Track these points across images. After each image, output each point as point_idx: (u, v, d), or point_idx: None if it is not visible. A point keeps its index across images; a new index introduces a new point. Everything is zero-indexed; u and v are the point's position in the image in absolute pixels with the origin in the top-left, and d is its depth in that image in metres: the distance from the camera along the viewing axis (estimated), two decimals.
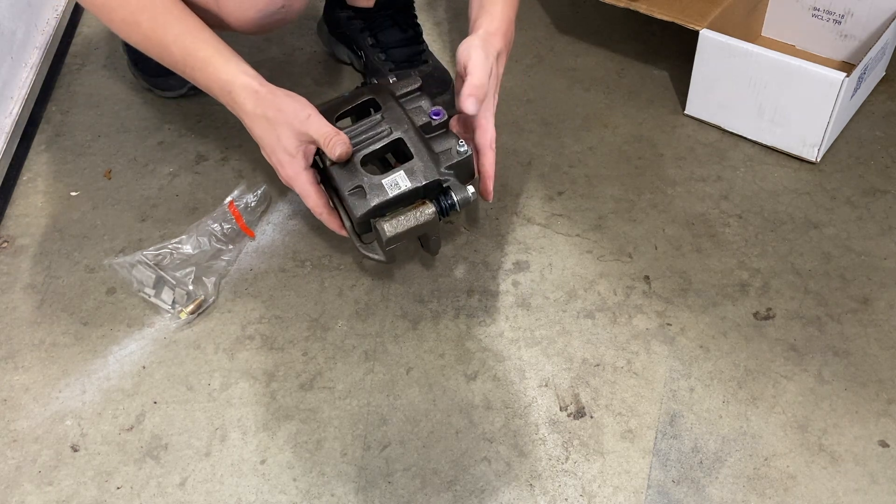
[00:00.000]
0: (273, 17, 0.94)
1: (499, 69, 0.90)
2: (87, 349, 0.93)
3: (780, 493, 0.79)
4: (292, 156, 0.85)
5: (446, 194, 0.86)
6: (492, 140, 0.89)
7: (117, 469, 0.83)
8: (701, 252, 1.01)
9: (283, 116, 0.84)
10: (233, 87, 0.85)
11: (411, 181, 0.84)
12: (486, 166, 0.90)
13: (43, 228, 1.07)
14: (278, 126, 0.84)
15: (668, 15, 1.14)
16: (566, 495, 0.80)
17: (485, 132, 0.89)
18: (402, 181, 0.84)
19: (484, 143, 0.89)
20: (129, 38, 0.89)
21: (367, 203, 0.84)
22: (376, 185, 0.84)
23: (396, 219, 0.84)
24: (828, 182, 1.09)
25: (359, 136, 0.87)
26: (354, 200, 0.84)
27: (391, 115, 0.88)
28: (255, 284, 1.00)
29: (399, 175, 0.85)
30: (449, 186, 0.86)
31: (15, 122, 1.18)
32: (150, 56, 0.89)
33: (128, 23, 0.86)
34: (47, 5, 1.38)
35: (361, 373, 0.90)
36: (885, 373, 0.88)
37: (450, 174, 0.86)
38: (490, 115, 0.89)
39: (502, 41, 0.90)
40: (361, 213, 0.84)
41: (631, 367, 0.90)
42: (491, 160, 0.90)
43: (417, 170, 0.85)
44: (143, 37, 0.87)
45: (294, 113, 0.84)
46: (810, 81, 1.04)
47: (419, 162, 0.85)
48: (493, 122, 0.90)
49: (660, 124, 1.19)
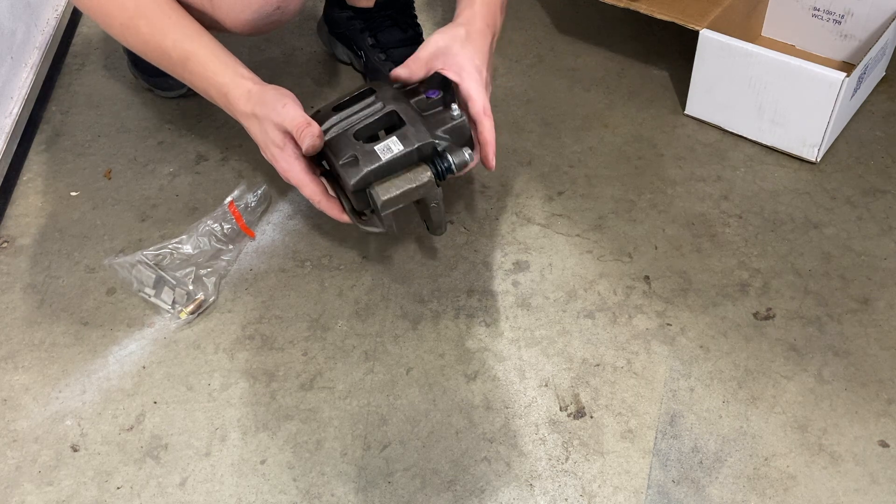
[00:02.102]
0: (268, 19, 0.93)
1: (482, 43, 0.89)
2: (87, 349, 0.93)
3: (780, 493, 0.79)
4: (281, 148, 0.85)
5: (442, 157, 0.85)
6: (484, 108, 0.87)
7: (117, 469, 0.83)
8: (701, 252, 1.01)
9: (266, 110, 0.84)
10: (229, 90, 0.85)
11: (404, 144, 0.83)
12: (484, 133, 0.88)
13: (43, 228, 1.07)
14: (264, 121, 0.84)
15: (668, 15, 1.14)
16: (566, 495, 0.80)
17: (475, 102, 0.87)
18: (395, 145, 0.83)
19: (477, 111, 0.87)
20: (128, 43, 0.89)
21: (359, 170, 0.82)
22: (368, 152, 0.83)
23: (390, 181, 0.83)
24: (828, 182, 1.09)
25: (352, 114, 0.86)
26: (347, 169, 0.83)
27: (384, 94, 0.88)
28: (255, 284, 1.00)
29: (391, 140, 0.83)
30: (445, 150, 0.85)
31: (15, 122, 1.18)
32: (149, 61, 0.89)
33: (126, 27, 0.87)
34: (47, 5, 1.38)
35: (361, 373, 0.90)
36: (885, 373, 0.88)
37: (445, 138, 0.85)
38: (477, 86, 0.87)
39: (481, 22, 0.89)
40: (354, 180, 0.82)
41: (631, 367, 0.90)
42: (488, 127, 0.88)
43: (410, 134, 0.83)
44: (142, 41, 0.87)
45: (272, 104, 0.83)
46: (810, 81, 1.04)
47: (411, 127, 0.84)
48: (484, 93, 0.87)
49: (660, 124, 1.19)
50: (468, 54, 0.87)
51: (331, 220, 1.04)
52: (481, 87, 0.87)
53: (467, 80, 0.87)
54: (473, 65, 0.87)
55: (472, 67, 0.87)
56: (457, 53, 0.87)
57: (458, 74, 0.87)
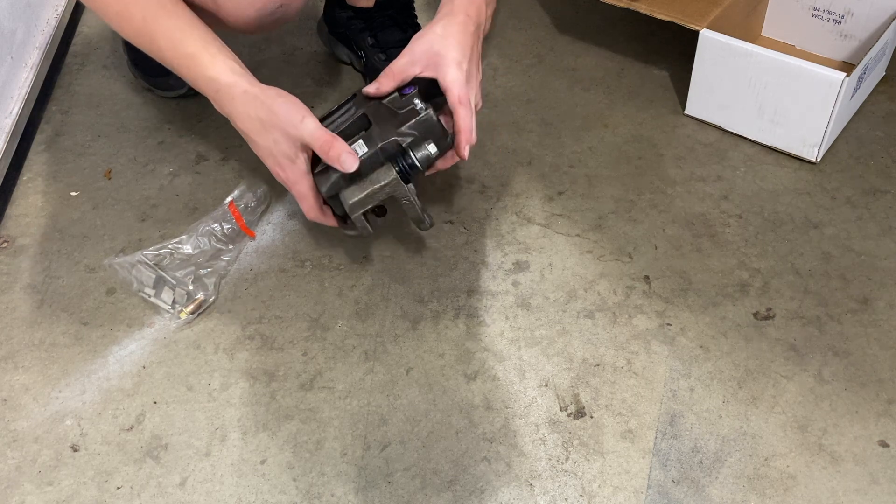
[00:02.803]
0: (272, 17, 0.93)
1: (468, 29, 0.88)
2: (87, 349, 0.93)
3: (780, 493, 0.79)
4: (293, 161, 0.85)
5: (405, 154, 0.85)
6: (460, 97, 0.86)
7: (117, 469, 0.83)
8: (701, 252, 1.01)
9: (276, 120, 0.83)
10: (220, 86, 0.84)
11: (368, 146, 0.83)
12: (460, 120, 0.87)
13: (43, 228, 1.07)
14: (273, 130, 0.83)
15: (668, 15, 1.14)
16: (566, 495, 0.80)
17: (451, 92, 0.86)
18: (360, 148, 0.83)
19: (452, 101, 0.86)
20: (123, 32, 0.89)
21: (328, 177, 0.83)
22: None
23: (357, 185, 0.84)
24: (828, 182, 1.09)
25: (332, 122, 0.87)
26: (320, 178, 0.84)
27: (360, 99, 0.88)
28: (255, 284, 1.00)
29: (358, 144, 0.84)
30: (409, 146, 0.85)
31: (15, 122, 1.18)
32: (144, 51, 0.88)
33: (122, 16, 0.86)
34: (47, 5, 1.38)
35: (361, 373, 0.90)
36: (885, 373, 0.88)
37: (412, 134, 0.85)
38: (454, 75, 0.86)
39: (461, 17, 0.88)
40: (325, 188, 0.84)
41: (631, 367, 0.90)
42: (462, 115, 0.86)
43: (374, 135, 0.84)
44: (135, 31, 0.86)
45: (287, 117, 0.82)
46: (810, 81, 1.04)
47: (376, 127, 0.84)
48: (462, 82, 0.86)
49: (660, 124, 1.19)
50: (444, 50, 0.87)
51: None
52: (459, 76, 0.86)
53: (443, 71, 0.86)
54: (450, 57, 0.86)
55: (448, 60, 0.86)
56: (435, 53, 0.87)
57: (435, 70, 0.87)
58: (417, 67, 0.88)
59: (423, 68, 0.88)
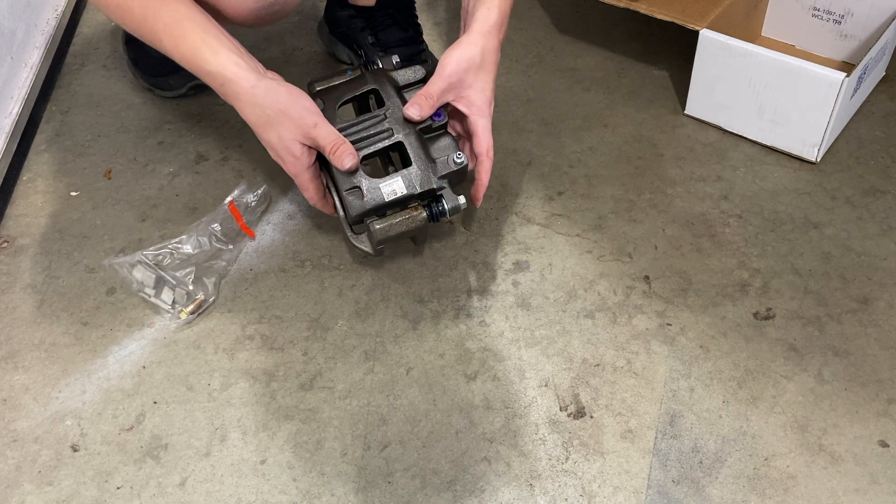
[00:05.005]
0: (270, 9, 0.93)
1: (493, 73, 0.90)
2: (87, 349, 0.93)
3: (780, 493, 0.79)
4: (296, 157, 0.86)
5: (438, 202, 0.88)
6: (488, 148, 0.90)
7: (117, 469, 0.83)
8: (701, 252, 1.01)
9: (286, 118, 0.84)
10: (225, 81, 0.84)
11: (407, 188, 0.86)
12: (482, 174, 0.91)
13: (43, 228, 1.07)
14: (281, 128, 0.84)
15: (668, 15, 1.14)
16: (566, 495, 0.80)
17: (481, 141, 0.90)
18: (399, 188, 0.86)
19: (480, 152, 0.90)
20: (123, 24, 0.88)
21: (363, 205, 0.86)
22: (374, 189, 0.86)
23: (389, 222, 0.87)
24: (828, 182, 1.09)
25: (360, 132, 0.88)
26: (351, 200, 0.86)
27: (394, 116, 0.89)
28: (255, 284, 1.00)
29: (396, 182, 0.86)
30: (442, 195, 0.88)
31: (15, 122, 1.18)
32: (146, 43, 0.88)
33: (122, 8, 0.86)
34: (47, 5, 1.38)
35: (361, 373, 0.90)
36: (885, 373, 0.88)
37: (444, 182, 0.88)
38: (485, 123, 0.90)
39: (496, 38, 0.89)
40: (356, 213, 0.86)
41: (631, 367, 0.90)
42: (486, 168, 0.91)
43: (415, 178, 0.86)
44: (136, 24, 0.86)
45: (300, 118, 0.84)
46: (810, 81, 1.04)
47: (416, 170, 0.87)
48: (490, 129, 0.90)
49: (660, 124, 1.19)
50: (480, 86, 0.89)
51: (331, 220, 1.05)
52: (489, 123, 0.90)
53: (476, 115, 0.89)
54: (484, 98, 0.89)
55: (482, 102, 0.89)
56: (470, 85, 0.89)
57: (469, 108, 0.90)
58: (451, 94, 0.89)
59: (454, 98, 0.90)
